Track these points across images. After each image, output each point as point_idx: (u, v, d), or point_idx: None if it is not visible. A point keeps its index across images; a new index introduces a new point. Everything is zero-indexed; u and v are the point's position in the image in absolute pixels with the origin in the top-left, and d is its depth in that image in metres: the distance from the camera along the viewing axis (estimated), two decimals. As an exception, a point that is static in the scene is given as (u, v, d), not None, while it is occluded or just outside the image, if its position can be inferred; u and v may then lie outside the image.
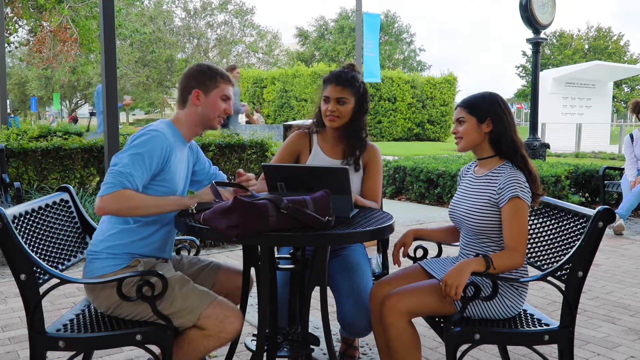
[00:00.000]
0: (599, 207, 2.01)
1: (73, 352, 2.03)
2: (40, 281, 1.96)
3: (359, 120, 2.49)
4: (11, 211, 2.00)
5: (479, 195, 2.15)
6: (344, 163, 2.51)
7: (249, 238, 1.81)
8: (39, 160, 5.58)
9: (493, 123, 2.13)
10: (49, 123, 17.06)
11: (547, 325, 2.11)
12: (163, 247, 2.16)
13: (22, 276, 1.89)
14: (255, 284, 2.16)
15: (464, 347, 2.03)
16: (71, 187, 2.42)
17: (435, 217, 6.72)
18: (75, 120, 33.80)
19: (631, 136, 6.22)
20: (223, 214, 1.79)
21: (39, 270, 1.95)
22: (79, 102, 47.95)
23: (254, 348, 2.12)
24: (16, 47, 20.11)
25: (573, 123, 19.30)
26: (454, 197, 2.30)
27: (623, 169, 6.50)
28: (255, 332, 2.16)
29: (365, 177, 2.54)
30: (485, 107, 2.14)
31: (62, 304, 3.46)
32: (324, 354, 2.75)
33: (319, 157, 2.56)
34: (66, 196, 2.38)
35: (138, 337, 1.94)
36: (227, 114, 2.19)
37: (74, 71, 21.42)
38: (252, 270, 2.17)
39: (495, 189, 2.09)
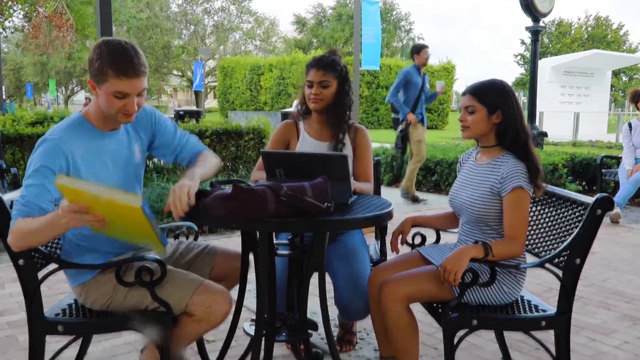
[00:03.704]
0: (598, 195, 2.02)
1: (72, 337, 2.04)
2: (39, 266, 1.96)
3: (343, 102, 2.53)
4: (8, 197, 1.99)
5: (481, 183, 2.15)
6: (332, 145, 2.53)
7: (248, 224, 1.81)
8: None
9: (503, 114, 2.10)
10: (45, 109, 16.97)
11: (544, 311, 2.12)
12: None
13: (21, 261, 1.89)
14: (253, 269, 2.16)
15: (461, 332, 2.04)
16: (69, 173, 2.40)
17: (432, 204, 6.73)
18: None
19: (629, 125, 6.22)
20: (222, 201, 1.79)
21: (37, 255, 1.95)
22: (75, 88, 47.65)
23: (252, 333, 2.13)
24: (12, 33, 19.96)
25: (571, 112, 19.29)
26: (454, 184, 2.30)
27: (620, 157, 6.51)
28: (254, 317, 2.17)
29: (356, 159, 2.57)
30: (497, 97, 2.10)
31: (60, 289, 3.47)
32: (322, 338, 2.76)
33: (306, 141, 2.59)
34: (64, 181, 2.37)
35: (136, 322, 1.94)
36: (127, 112, 1.87)
37: (70, 57, 21.30)
38: (250, 257, 2.17)
39: (497, 178, 2.09)
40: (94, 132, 1.96)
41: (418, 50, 6.72)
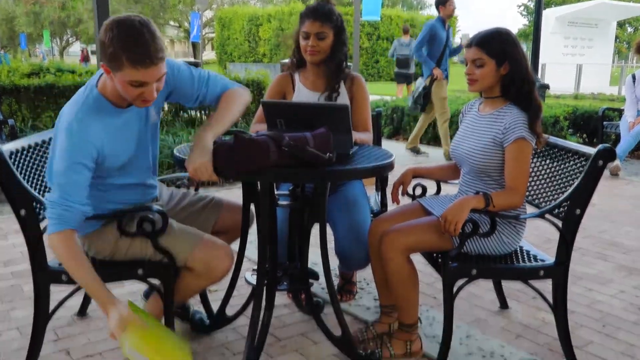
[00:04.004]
0: (600, 146, 2.00)
1: (76, 286, 2.06)
2: (41, 217, 1.97)
3: (339, 52, 2.49)
4: (8, 147, 1.98)
5: (483, 134, 2.13)
6: (327, 96, 2.50)
7: (250, 175, 1.80)
8: (32, 97, 5.49)
9: (510, 65, 2.06)
10: (40, 60, 16.70)
11: (542, 261, 2.14)
12: (142, 195, 2.07)
13: (22, 211, 1.89)
14: (255, 220, 2.17)
15: (460, 282, 2.07)
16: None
17: (432, 156, 6.72)
18: (86, 59, 30.71)
19: (633, 77, 6.15)
20: (224, 151, 1.78)
21: (38, 205, 1.95)
22: (70, 39, 46.78)
23: (254, 282, 2.16)
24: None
25: (573, 64, 19.03)
26: (456, 135, 2.28)
27: (622, 110, 6.46)
28: (255, 268, 2.19)
29: (354, 108, 2.53)
30: (504, 48, 2.05)
31: (63, 241, 3.50)
32: (322, 288, 2.80)
33: (302, 93, 2.56)
34: (63, 132, 2.35)
35: (140, 271, 1.97)
36: (146, 99, 1.75)
37: (64, 7, 20.81)
38: (252, 209, 2.18)
39: (500, 129, 2.07)
40: (114, 111, 1.85)
41: (444, 1, 6.34)
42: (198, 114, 6.51)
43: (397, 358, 2.20)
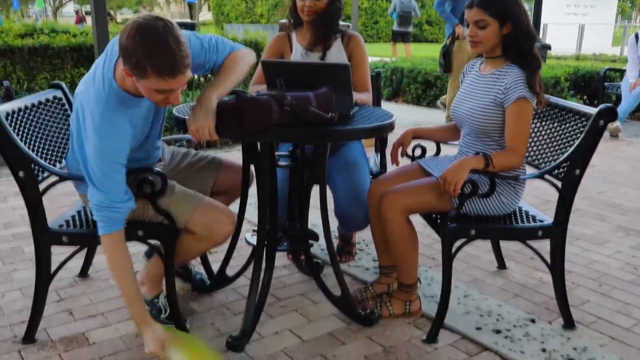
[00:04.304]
0: (601, 105, 1.99)
1: (77, 247, 2.07)
2: (39, 179, 1.96)
3: (335, 9, 2.46)
4: (3, 108, 1.96)
5: (484, 94, 2.11)
6: (321, 50, 2.49)
7: (252, 134, 1.79)
8: (27, 59, 5.42)
9: (513, 25, 2.02)
10: (33, 21, 16.37)
11: (541, 221, 2.15)
12: (147, 157, 2.05)
13: (21, 173, 1.88)
14: (255, 181, 2.16)
15: (459, 243, 2.08)
16: (64, 85, 2.36)
17: (432, 119, 6.68)
18: (82, 20, 30.01)
19: (636, 36, 6.06)
20: (226, 111, 1.76)
21: (36, 167, 1.94)
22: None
23: (254, 243, 2.17)
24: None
25: (576, 24, 18.75)
26: (457, 95, 2.26)
27: (624, 70, 6.39)
28: (256, 228, 2.20)
29: (353, 68, 2.48)
30: (507, 7, 2.00)
31: (63, 203, 3.50)
32: (322, 249, 2.82)
33: (299, 53, 2.54)
34: (59, 93, 2.33)
35: (140, 232, 1.97)
36: (169, 102, 1.72)
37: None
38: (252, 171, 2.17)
39: (501, 89, 2.04)
40: (135, 102, 1.80)
41: None
42: (196, 76, 6.43)
43: (396, 317, 2.23)
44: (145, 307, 1.87)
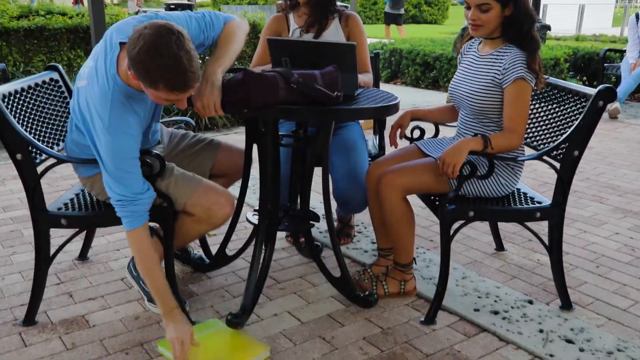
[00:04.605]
0: (601, 86, 1.98)
1: (76, 230, 2.07)
2: (37, 161, 1.95)
3: None
4: (0, 90, 1.94)
5: (482, 74, 2.09)
6: (316, 29, 2.48)
7: (257, 110, 1.78)
8: (23, 40, 5.37)
9: (514, 6, 1.99)
10: (29, 2, 16.17)
11: (539, 203, 2.15)
12: (146, 141, 2.04)
13: (19, 156, 1.88)
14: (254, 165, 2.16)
15: (457, 225, 2.08)
16: (60, 67, 2.34)
17: (431, 100, 6.66)
18: (79, 1, 29.60)
19: (637, 16, 6.01)
20: (233, 87, 1.76)
21: (34, 150, 1.93)
22: (59, -19, 45.29)
23: (255, 222, 2.17)
24: None
25: (576, 4, 18.59)
26: (455, 76, 2.25)
27: (624, 51, 6.36)
28: (257, 208, 2.20)
29: None
30: None
31: (61, 186, 3.50)
32: (321, 232, 2.83)
33: (296, 32, 2.53)
34: (56, 75, 2.31)
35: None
36: (178, 106, 1.73)
37: (51, -55, 20.02)
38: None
39: (499, 69, 2.03)
40: (140, 96, 1.80)
41: None
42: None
43: (391, 296, 2.24)
44: (173, 300, 1.85)
